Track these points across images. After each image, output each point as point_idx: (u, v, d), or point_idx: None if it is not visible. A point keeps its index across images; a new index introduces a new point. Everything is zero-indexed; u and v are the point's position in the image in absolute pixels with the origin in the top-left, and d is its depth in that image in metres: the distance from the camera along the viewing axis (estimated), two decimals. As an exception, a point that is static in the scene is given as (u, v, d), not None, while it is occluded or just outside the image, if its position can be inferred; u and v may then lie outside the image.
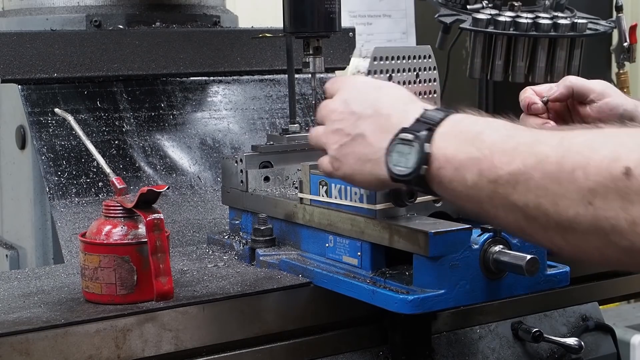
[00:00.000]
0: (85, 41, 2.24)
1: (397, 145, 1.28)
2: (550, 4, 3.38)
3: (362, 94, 1.39)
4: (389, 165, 1.29)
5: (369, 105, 1.36)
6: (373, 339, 1.69)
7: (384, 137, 1.31)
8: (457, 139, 1.21)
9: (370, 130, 1.34)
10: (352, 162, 1.37)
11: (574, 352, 1.85)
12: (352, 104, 1.38)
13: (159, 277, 1.51)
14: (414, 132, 1.25)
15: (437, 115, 1.26)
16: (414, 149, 1.24)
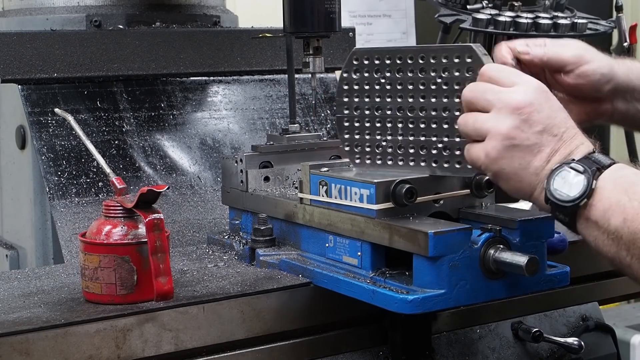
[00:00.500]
0: (85, 41, 2.24)
1: (563, 171, 1.34)
2: (550, 4, 3.38)
3: (549, 106, 1.40)
4: (549, 187, 1.35)
5: (556, 125, 1.39)
6: (373, 339, 1.69)
7: (558, 159, 1.36)
8: (614, 184, 1.30)
9: (550, 149, 1.37)
10: (518, 166, 1.38)
11: (574, 352, 1.85)
12: (541, 112, 1.38)
13: (159, 277, 1.51)
14: (585, 165, 1.33)
15: (606, 160, 1.35)
16: (582, 180, 1.32)
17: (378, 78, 1.62)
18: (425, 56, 1.58)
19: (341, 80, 1.64)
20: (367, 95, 1.63)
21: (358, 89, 1.63)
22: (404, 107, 1.61)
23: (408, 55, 1.59)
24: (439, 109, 1.57)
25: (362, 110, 1.64)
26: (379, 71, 1.61)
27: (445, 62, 1.56)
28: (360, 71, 1.62)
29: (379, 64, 1.61)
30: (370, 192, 1.54)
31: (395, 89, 1.61)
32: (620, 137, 4.21)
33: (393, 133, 1.62)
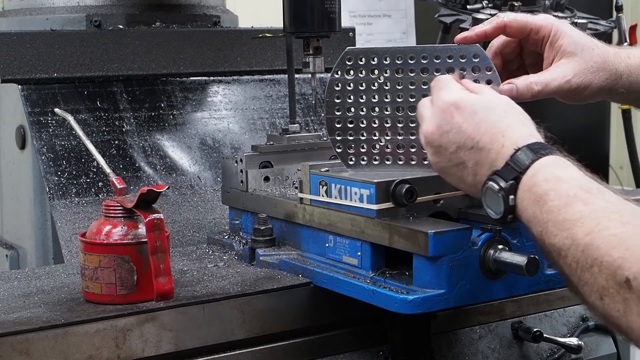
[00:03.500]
0: (85, 41, 2.25)
1: (487, 190, 1.37)
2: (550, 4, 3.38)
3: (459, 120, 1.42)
4: (485, 206, 1.39)
5: (468, 137, 1.41)
6: (373, 339, 1.69)
7: (484, 171, 1.39)
8: (530, 194, 1.30)
9: (472, 162, 1.41)
10: (455, 182, 1.47)
11: (574, 352, 1.85)
12: (450, 133, 1.42)
13: (159, 277, 1.51)
14: (502, 180, 1.34)
15: (525, 160, 1.33)
16: (500, 200, 1.34)
17: (375, 78, 1.62)
18: (427, 56, 1.58)
19: (332, 82, 1.63)
20: (361, 96, 1.63)
21: (351, 89, 1.63)
22: (403, 107, 1.61)
23: (409, 55, 1.59)
24: None
25: (356, 110, 1.63)
26: (376, 71, 1.61)
27: (450, 62, 1.56)
28: (354, 71, 1.62)
29: (375, 64, 1.61)
30: (370, 192, 1.54)
31: (394, 89, 1.61)
32: (620, 137, 4.22)
33: (392, 133, 1.62)
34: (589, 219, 1.19)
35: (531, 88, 1.56)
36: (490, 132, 1.39)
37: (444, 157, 1.44)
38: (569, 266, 1.20)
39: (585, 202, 1.22)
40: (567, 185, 1.26)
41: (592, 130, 4.43)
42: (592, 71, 1.58)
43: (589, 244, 1.17)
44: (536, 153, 1.33)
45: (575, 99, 1.62)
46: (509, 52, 1.66)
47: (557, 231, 1.22)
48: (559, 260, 1.23)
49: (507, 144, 1.36)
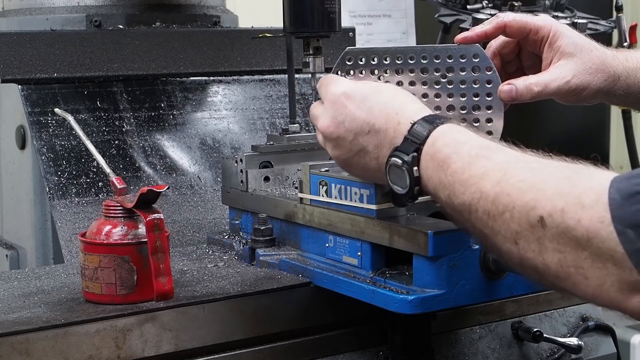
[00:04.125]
0: (85, 41, 2.24)
1: (391, 167, 1.38)
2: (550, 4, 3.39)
3: (351, 108, 1.46)
4: (390, 185, 1.40)
5: (363, 121, 1.44)
6: (373, 339, 1.69)
7: (385, 151, 1.41)
8: (433, 161, 1.32)
9: (372, 145, 1.43)
10: (362, 172, 1.49)
11: (574, 352, 1.85)
12: (345, 122, 1.46)
13: (159, 277, 1.51)
14: (403, 154, 1.35)
15: (423, 132, 1.35)
16: (405, 173, 1.35)
17: (375, 78, 1.61)
18: (427, 56, 1.58)
19: None
20: None
21: None
22: (404, 107, 1.61)
23: (409, 55, 1.59)
24: (443, 107, 1.58)
25: None
26: (376, 71, 1.61)
27: (450, 62, 1.57)
28: (354, 71, 1.62)
29: (375, 64, 1.61)
30: (370, 192, 1.54)
31: None
32: (620, 137, 4.22)
33: (393, 133, 1.62)
34: (495, 171, 1.21)
35: (531, 89, 1.56)
36: (384, 113, 1.42)
37: (344, 149, 1.46)
38: (480, 219, 1.21)
39: (488, 158, 1.24)
40: (468, 146, 1.28)
41: (592, 130, 4.43)
42: (591, 72, 1.59)
43: (499, 192, 1.18)
44: (432, 123, 1.35)
45: (573, 100, 1.62)
46: (507, 52, 1.66)
47: (464, 189, 1.24)
48: (470, 217, 1.24)
49: (403, 120, 1.39)
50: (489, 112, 1.57)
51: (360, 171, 1.49)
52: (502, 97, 1.57)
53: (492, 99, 1.57)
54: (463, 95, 1.58)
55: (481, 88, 1.57)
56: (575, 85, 1.58)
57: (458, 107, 1.58)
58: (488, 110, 1.57)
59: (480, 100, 1.57)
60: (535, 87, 1.57)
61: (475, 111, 1.58)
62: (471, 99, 1.58)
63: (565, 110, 1.73)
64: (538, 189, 1.14)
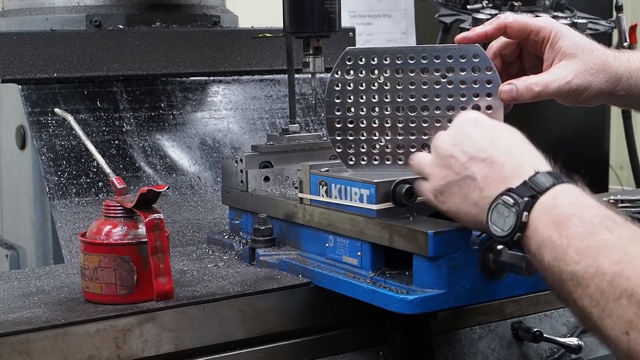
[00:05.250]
0: (85, 41, 2.25)
1: (498, 205, 1.29)
2: (550, 4, 3.39)
3: (475, 133, 1.38)
4: (488, 222, 1.31)
5: (482, 149, 1.35)
6: (373, 339, 1.69)
7: (494, 186, 1.32)
8: (549, 216, 1.22)
9: (481, 175, 1.34)
10: (459, 201, 1.37)
11: (574, 352, 1.85)
12: (464, 143, 1.37)
13: (159, 277, 1.51)
14: (517, 196, 1.26)
15: (545, 182, 1.26)
16: (512, 215, 1.26)
17: (375, 78, 1.61)
18: (427, 56, 1.58)
19: (332, 82, 1.63)
20: (361, 96, 1.63)
21: (351, 89, 1.63)
22: (403, 107, 1.61)
23: (409, 55, 1.60)
24: (443, 107, 1.58)
25: (356, 110, 1.63)
26: (376, 71, 1.61)
27: (450, 62, 1.57)
28: (354, 71, 1.62)
29: (375, 64, 1.61)
30: (370, 192, 1.54)
31: (394, 89, 1.61)
32: (620, 137, 4.22)
33: (392, 133, 1.62)
34: (617, 248, 1.13)
35: (531, 89, 1.56)
36: (507, 150, 1.34)
37: (452, 170, 1.37)
38: (590, 297, 1.12)
39: (611, 231, 1.16)
40: (592, 212, 1.20)
41: (592, 130, 4.44)
42: (592, 73, 1.58)
43: (618, 273, 1.09)
44: (557, 178, 1.26)
45: (574, 101, 1.61)
46: (508, 53, 1.66)
47: (579, 258, 1.15)
48: (576, 289, 1.15)
49: (525, 165, 1.30)
50: (488, 112, 1.57)
51: (458, 201, 1.37)
52: (502, 97, 1.56)
53: (492, 99, 1.57)
54: (463, 95, 1.58)
55: (481, 88, 1.57)
56: (576, 86, 1.57)
57: (458, 107, 1.58)
58: (488, 110, 1.57)
59: (480, 100, 1.57)
60: (536, 87, 1.56)
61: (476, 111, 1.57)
62: (471, 99, 1.58)
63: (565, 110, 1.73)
64: None
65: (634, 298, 1.07)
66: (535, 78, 1.57)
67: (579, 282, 1.14)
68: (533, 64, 1.65)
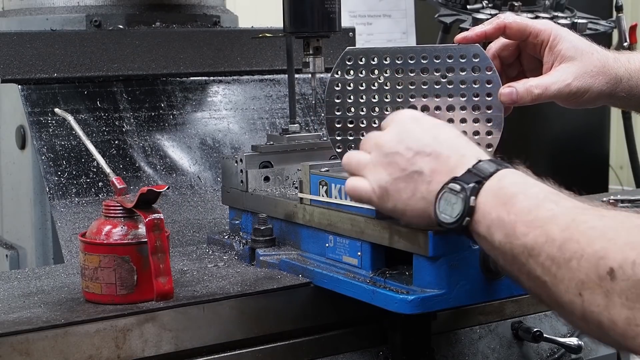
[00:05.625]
0: (85, 41, 2.25)
1: (445, 193, 1.31)
2: (550, 3, 3.39)
3: (417, 130, 1.39)
4: (436, 211, 1.32)
5: (427, 144, 1.37)
6: (373, 339, 1.69)
7: (440, 178, 1.33)
8: (495, 197, 1.25)
9: (428, 169, 1.35)
10: (405, 197, 1.38)
11: (574, 352, 1.85)
12: (408, 140, 1.38)
13: (159, 277, 1.51)
14: (463, 183, 1.29)
15: (489, 168, 1.29)
16: (460, 200, 1.28)
17: (375, 78, 1.62)
18: (427, 56, 1.58)
19: (332, 82, 1.63)
20: (361, 96, 1.63)
21: (351, 89, 1.63)
22: (404, 107, 1.61)
23: (409, 55, 1.60)
24: (443, 107, 1.58)
25: (356, 110, 1.63)
26: (376, 71, 1.61)
27: (450, 62, 1.57)
28: (354, 71, 1.62)
29: (375, 64, 1.61)
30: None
31: (394, 89, 1.61)
32: (620, 137, 4.22)
33: (393, 133, 1.62)
34: (563, 216, 1.16)
35: (531, 91, 1.56)
36: (450, 144, 1.36)
37: (397, 168, 1.37)
38: (542, 265, 1.15)
39: (556, 203, 1.19)
40: (537, 188, 1.23)
41: (592, 130, 4.44)
42: (592, 75, 1.58)
43: (567, 238, 1.12)
44: (499, 164, 1.30)
45: (575, 103, 1.61)
46: (507, 55, 1.66)
47: (527, 230, 1.18)
48: (528, 261, 1.17)
49: (469, 155, 1.33)
50: (489, 112, 1.57)
51: (404, 197, 1.38)
52: (502, 100, 1.56)
53: (492, 99, 1.57)
54: (463, 95, 1.58)
55: (481, 88, 1.57)
56: (577, 88, 1.57)
57: (458, 107, 1.58)
58: (488, 110, 1.57)
59: (480, 100, 1.57)
60: (536, 89, 1.56)
61: (475, 111, 1.58)
62: (471, 99, 1.58)
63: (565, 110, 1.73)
64: (609, 238, 1.08)
65: (584, 259, 1.09)
66: (535, 81, 1.57)
67: (530, 254, 1.17)
68: (533, 67, 1.65)
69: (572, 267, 1.10)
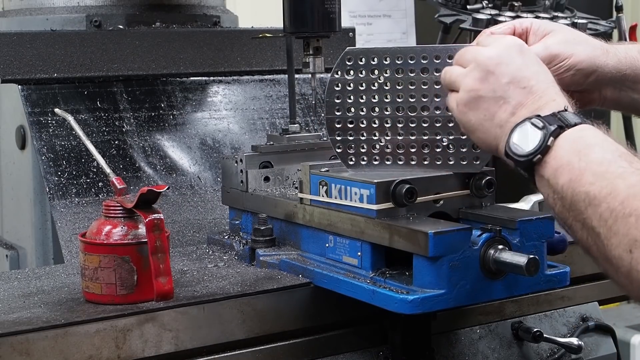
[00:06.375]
0: (85, 41, 2.24)
1: (525, 125, 1.33)
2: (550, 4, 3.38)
3: (520, 60, 1.41)
4: (509, 140, 1.34)
5: (525, 77, 1.38)
6: (373, 339, 1.69)
7: (524, 113, 1.35)
8: (571, 144, 1.28)
9: (516, 101, 1.37)
10: (482, 117, 1.40)
11: (574, 352, 1.85)
12: (509, 65, 1.40)
13: (159, 277, 1.51)
14: (546, 122, 1.31)
15: (574, 119, 1.31)
16: (539, 135, 1.30)
17: (375, 78, 1.62)
18: (427, 56, 1.58)
19: (332, 82, 1.64)
20: (361, 96, 1.63)
21: (351, 89, 1.63)
22: (403, 107, 1.61)
23: (409, 55, 1.60)
24: (443, 107, 1.58)
25: (356, 111, 1.64)
26: (376, 71, 1.61)
27: (450, 62, 1.57)
28: (354, 71, 1.62)
29: (375, 64, 1.61)
30: (370, 192, 1.54)
31: (394, 89, 1.61)
32: (620, 137, 4.22)
33: (392, 133, 1.62)
34: (633, 175, 1.17)
35: None
36: (546, 83, 1.38)
37: (488, 85, 1.39)
38: (599, 216, 1.17)
39: (630, 163, 1.21)
40: (614, 147, 1.25)
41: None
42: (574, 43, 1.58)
43: (632, 195, 1.14)
44: (584, 120, 1.32)
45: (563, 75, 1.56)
46: None
47: (594, 179, 1.20)
48: (587, 209, 1.19)
49: (559, 100, 1.35)
50: None
51: (482, 117, 1.40)
52: None
53: None
54: None
55: None
56: (558, 51, 1.55)
57: None
58: None
59: None
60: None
61: None
62: None
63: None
64: None
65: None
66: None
67: (590, 202, 1.19)
68: None
69: (630, 223, 1.12)
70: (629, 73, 1.61)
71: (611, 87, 1.62)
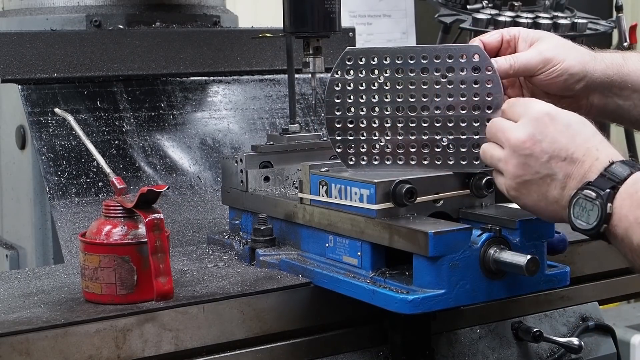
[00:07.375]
0: (85, 41, 2.25)
1: (580, 199, 1.34)
2: (550, 3, 3.39)
3: (552, 130, 1.40)
4: (571, 217, 1.36)
5: (562, 147, 1.39)
6: (373, 339, 1.69)
7: (574, 184, 1.36)
8: (631, 200, 1.29)
9: (562, 174, 1.38)
10: (536, 198, 1.41)
11: (574, 352, 1.85)
12: (543, 142, 1.40)
13: (159, 277, 1.51)
14: (597, 189, 1.32)
15: (622, 172, 1.32)
16: (596, 208, 1.31)
17: (375, 78, 1.62)
18: (427, 56, 1.58)
19: (332, 82, 1.64)
20: (361, 96, 1.63)
21: (351, 89, 1.63)
22: (404, 107, 1.61)
23: (409, 55, 1.60)
24: (443, 107, 1.58)
25: (356, 110, 1.64)
26: (376, 71, 1.61)
27: (450, 62, 1.57)
28: (354, 71, 1.62)
29: (375, 64, 1.61)
30: (370, 192, 1.54)
31: (394, 89, 1.61)
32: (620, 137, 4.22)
33: (392, 133, 1.62)
34: None
35: (501, 64, 1.56)
36: (585, 146, 1.38)
37: (530, 169, 1.40)
38: None
39: None
40: None
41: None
42: (565, 49, 1.58)
43: None
44: (632, 166, 1.32)
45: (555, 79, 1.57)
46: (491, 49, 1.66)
47: None
48: None
49: (602, 158, 1.36)
50: (488, 112, 1.57)
51: (536, 198, 1.42)
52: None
53: (492, 99, 1.57)
54: (463, 95, 1.58)
55: (481, 88, 1.57)
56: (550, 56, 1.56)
57: (458, 107, 1.58)
58: (488, 110, 1.57)
59: (480, 100, 1.57)
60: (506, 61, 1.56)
61: (475, 111, 1.57)
62: (471, 99, 1.58)
63: (565, 110, 1.74)
64: None
65: None
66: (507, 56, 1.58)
67: None
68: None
69: None
70: (616, 79, 1.61)
71: (598, 93, 1.62)
